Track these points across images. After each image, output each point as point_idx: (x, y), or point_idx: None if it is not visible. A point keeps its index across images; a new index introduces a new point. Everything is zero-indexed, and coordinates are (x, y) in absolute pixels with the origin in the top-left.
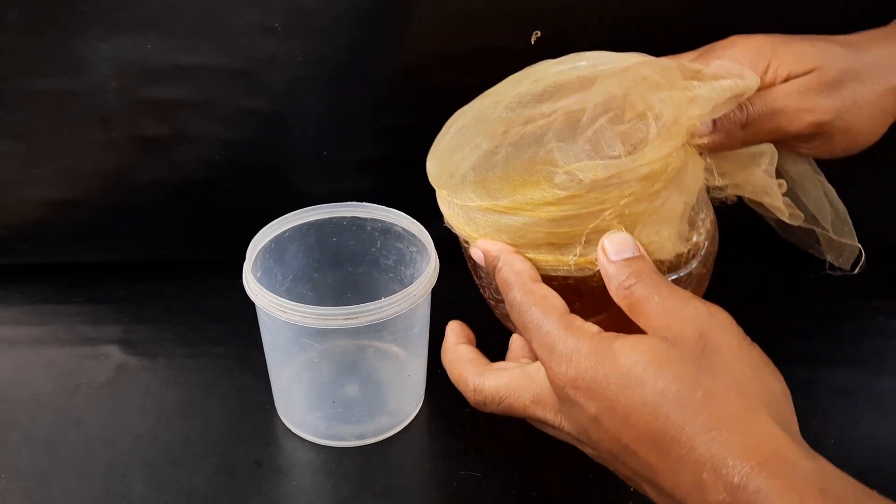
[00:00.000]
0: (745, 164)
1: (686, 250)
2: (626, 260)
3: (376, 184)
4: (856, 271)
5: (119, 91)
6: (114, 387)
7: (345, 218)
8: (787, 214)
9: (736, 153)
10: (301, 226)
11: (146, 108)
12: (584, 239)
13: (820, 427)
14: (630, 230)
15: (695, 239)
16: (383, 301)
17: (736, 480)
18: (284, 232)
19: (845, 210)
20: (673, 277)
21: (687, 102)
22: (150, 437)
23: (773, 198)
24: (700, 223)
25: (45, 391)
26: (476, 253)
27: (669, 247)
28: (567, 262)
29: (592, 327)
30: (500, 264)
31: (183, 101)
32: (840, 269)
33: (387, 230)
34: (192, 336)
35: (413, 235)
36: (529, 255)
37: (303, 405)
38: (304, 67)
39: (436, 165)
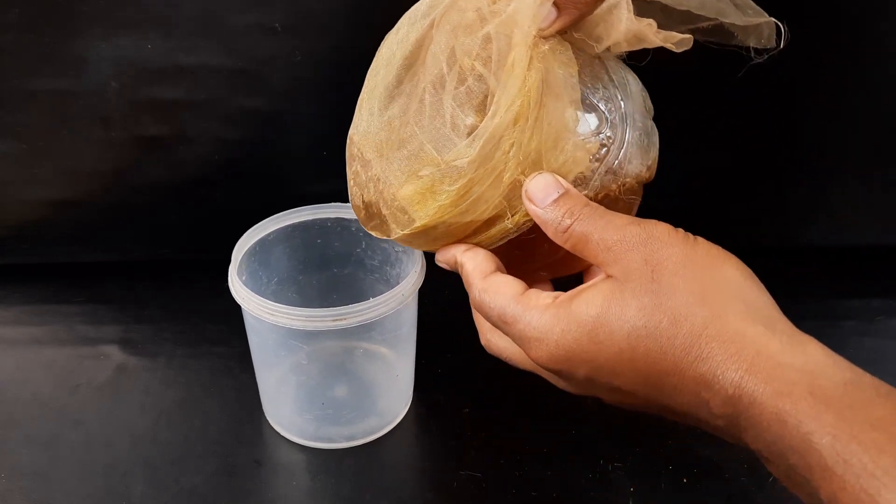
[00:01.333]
0: (608, 21)
1: (600, 142)
2: (554, 202)
3: None
4: (781, 45)
5: (119, 91)
6: (114, 387)
7: (329, 219)
8: (675, 46)
9: (594, 16)
10: (285, 228)
11: (146, 108)
12: (505, 203)
13: None
14: (539, 167)
15: (606, 119)
16: (371, 301)
17: (731, 392)
18: (269, 234)
19: None
20: (611, 165)
21: (507, 26)
22: (150, 437)
23: (650, 39)
24: (602, 105)
25: (45, 391)
26: (442, 265)
27: (581, 155)
28: (507, 228)
29: (547, 298)
30: (458, 268)
31: (183, 101)
32: (766, 51)
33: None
34: (192, 336)
35: None
36: (476, 241)
37: (292, 408)
38: (304, 67)
39: (363, 215)
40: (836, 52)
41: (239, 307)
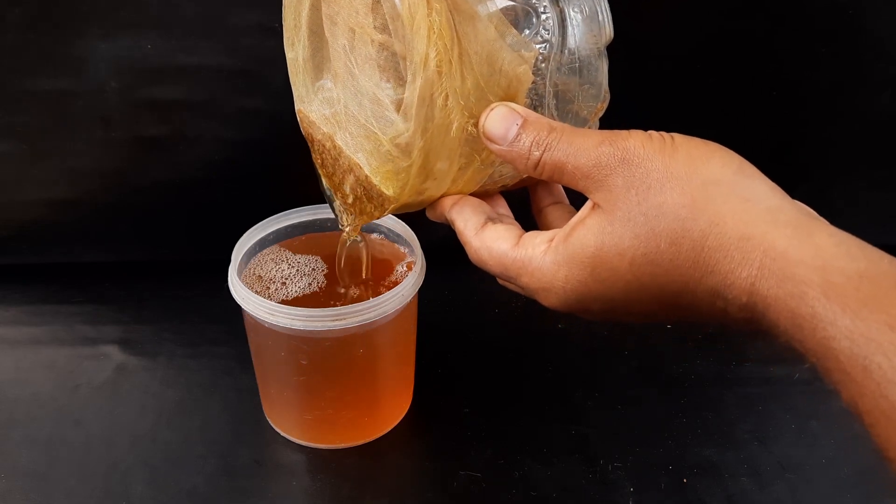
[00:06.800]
0: None
1: (538, 41)
2: (516, 137)
3: None
4: None
5: (119, 91)
6: (114, 387)
7: (329, 219)
8: None
9: None
10: (285, 228)
11: (146, 108)
12: (468, 149)
13: (820, 426)
14: (486, 102)
15: (534, 12)
16: (372, 302)
17: (745, 300)
18: (269, 234)
19: None
20: (561, 56)
21: None
22: (150, 437)
23: None
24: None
25: (45, 391)
26: (434, 219)
27: (523, 69)
28: (482, 168)
29: (542, 243)
30: (451, 225)
31: (183, 101)
32: None
33: (371, 231)
34: (192, 336)
35: (398, 235)
36: (460, 188)
37: (292, 408)
38: None
39: (339, 199)
40: (837, 52)
41: (239, 307)
